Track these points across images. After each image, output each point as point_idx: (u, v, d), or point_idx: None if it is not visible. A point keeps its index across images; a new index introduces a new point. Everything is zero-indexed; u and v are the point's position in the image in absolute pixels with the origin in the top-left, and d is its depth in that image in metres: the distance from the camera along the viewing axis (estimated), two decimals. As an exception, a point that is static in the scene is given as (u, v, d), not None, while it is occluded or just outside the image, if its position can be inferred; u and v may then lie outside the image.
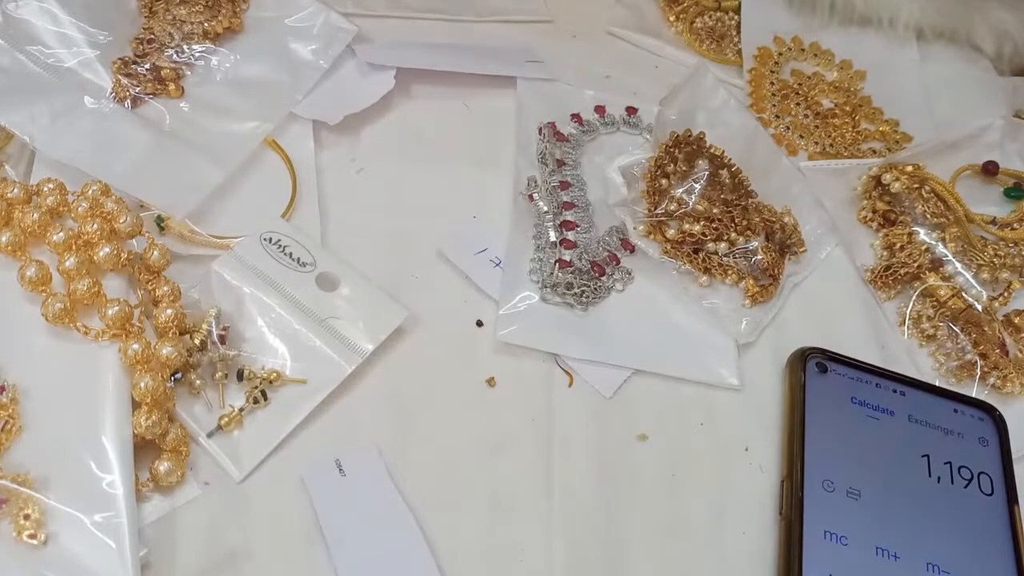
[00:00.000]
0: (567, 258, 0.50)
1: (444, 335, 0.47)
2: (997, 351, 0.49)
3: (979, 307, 0.51)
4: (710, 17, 0.69)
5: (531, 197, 0.52)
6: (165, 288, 0.44)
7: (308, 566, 0.39)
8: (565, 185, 0.53)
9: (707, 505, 0.43)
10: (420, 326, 0.47)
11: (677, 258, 0.51)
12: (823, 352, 0.47)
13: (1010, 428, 0.46)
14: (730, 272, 0.51)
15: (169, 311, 0.42)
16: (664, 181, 0.52)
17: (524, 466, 0.43)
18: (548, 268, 0.49)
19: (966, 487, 0.44)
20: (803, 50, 0.67)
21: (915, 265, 0.53)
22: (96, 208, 0.44)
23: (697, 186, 0.52)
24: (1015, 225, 0.56)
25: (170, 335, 0.42)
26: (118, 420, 0.39)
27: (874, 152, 0.61)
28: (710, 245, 0.51)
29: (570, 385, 0.47)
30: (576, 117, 0.58)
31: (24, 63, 0.51)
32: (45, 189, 0.45)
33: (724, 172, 0.54)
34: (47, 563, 0.35)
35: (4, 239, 0.42)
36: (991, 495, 0.44)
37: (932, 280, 0.52)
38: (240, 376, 0.43)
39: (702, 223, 0.51)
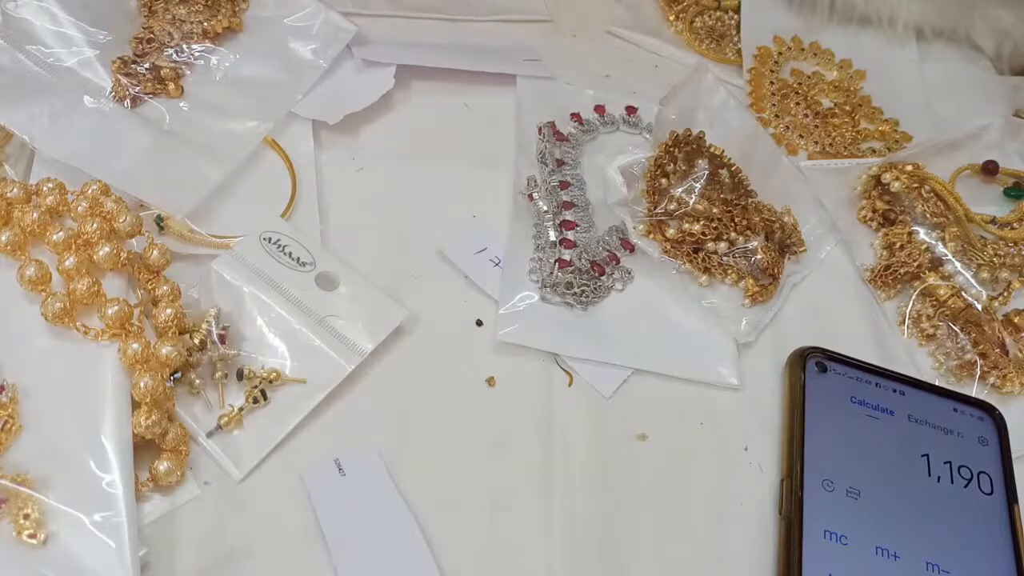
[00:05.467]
0: (567, 257, 0.50)
1: (444, 335, 0.47)
2: (997, 351, 0.49)
3: (979, 306, 0.51)
4: (710, 16, 0.69)
5: (531, 197, 0.52)
6: (165, 287, 0.44)
7: (308, 566, 0.39)
8: (565, 184, 0.53)
9: (707, 505, 0.43)
10: (420, 326, 0.47)
11: (677, 258, 0.51)
12: (823, 352, 0.47)
13: (1010, 428, 0.46)
14: (730, 272, 0.51)
15: (169, 311, 0.42)
16: (664, 180, 0.52)
17: (524, 466, 0.43)
18: (548, 268, 0.49)
19: (966, 486, 0.44)
20: (803, 49, 0.67)
21: (915, 264, 0.53)
22: (95, 207, 0.44)
23: (697, 185, 0.52)
24: (1015, 225, 0.56)
25: (170, 335, 0.42)
26: (118, 420, 0.39)
27: (874, 152, 0.61)
28: (710, 245, 0.51)
29: (570, 385, 0.47)
30: (576, 116, 0.58)
31: (24, 62, 0.51)
32: (44, 188, 0.45)
33: (724, 172, 0.54)
34: (47, 563, 0.35)
35: (3, 238, 0.42)
36: (991, 494, 0.44)
37: (932, 279, 0.52)
38: (240, 376, 0.43)
39: (702, 222, 0.51)
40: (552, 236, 0.51)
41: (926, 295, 0.52)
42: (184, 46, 0.56)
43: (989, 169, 0.59)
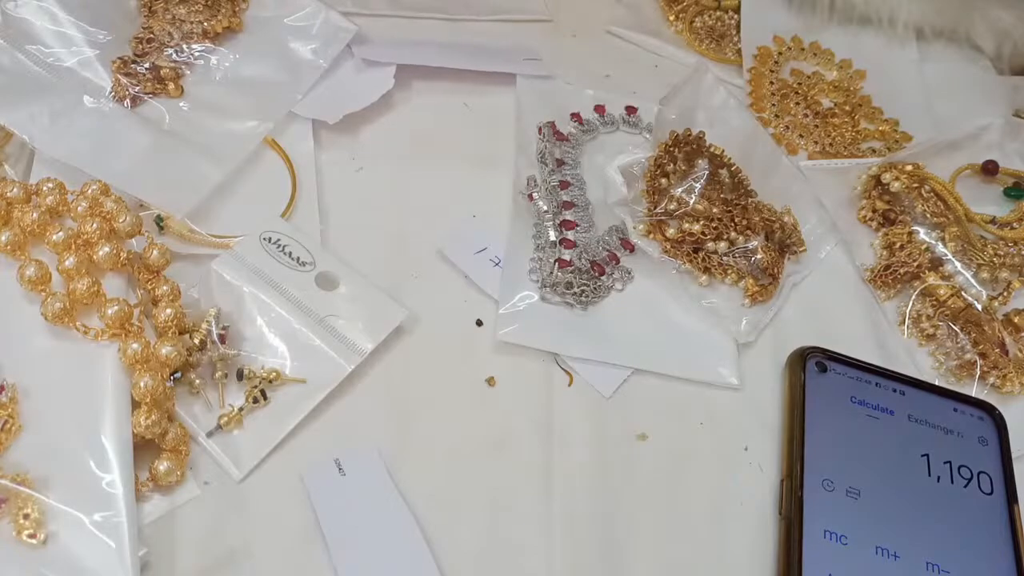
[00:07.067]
0: (567, 257, 0.50)
1: (444, 335, 0.47)
2: (997, 350, 0.49)
3: (979, 306, 0.51)
4: (710, 16, 0.69)
5: (531, 196, 0.52)
6: (164, 287, 0.44)
7: (308, 566, 0.39)
8: (565, 184, 0.53)
9: (707, 505, 0.44)
10: (420, 326, 0.47)
11: (677, 257, 0.51)
12: (823, 351, 0.47)
13: (1010, 427, 0.46)
14: (730, 271, 0.51)
15: (168, 310, 0.42)
16: (664, 180, 0.52)
17: (524, 466, 0.43)
18: (548, 267, 0.49)
19: (966, 486, 0.44)
20: (803, 49, 0.67)
21: (915, 264, 0.53)
22: (95, 207, 0.44)
23: (697, 185, 0.52)
24: (1014, 224, 0.56)
25: (170, 334, 0.42)
26: (118, 420, 0.39)
27: (874, 151, 0.61)
28: (710, 244, 0.51)
29: (570, 385, 0.47)
30: (576, 116, 0.58)
31: (23, 62, 0.51)
32: (44, 188, 0.45)
33: (724, 171, 0.54)
34: (46, 563, 0.35)
35: (3, 238, 0.42)
36: (991, 494, 0.44)
37: (932, 279, 0.52)
38: (240, 375, 0.43)
39: (702, 222, 0.51)
40: (552, 236, 0.51)
41: (926, 295, 0.52)
42: (184, 46, 0.56)
43: (989, 169, 0.59)
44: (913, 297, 0.52)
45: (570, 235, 0.51)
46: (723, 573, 0.42)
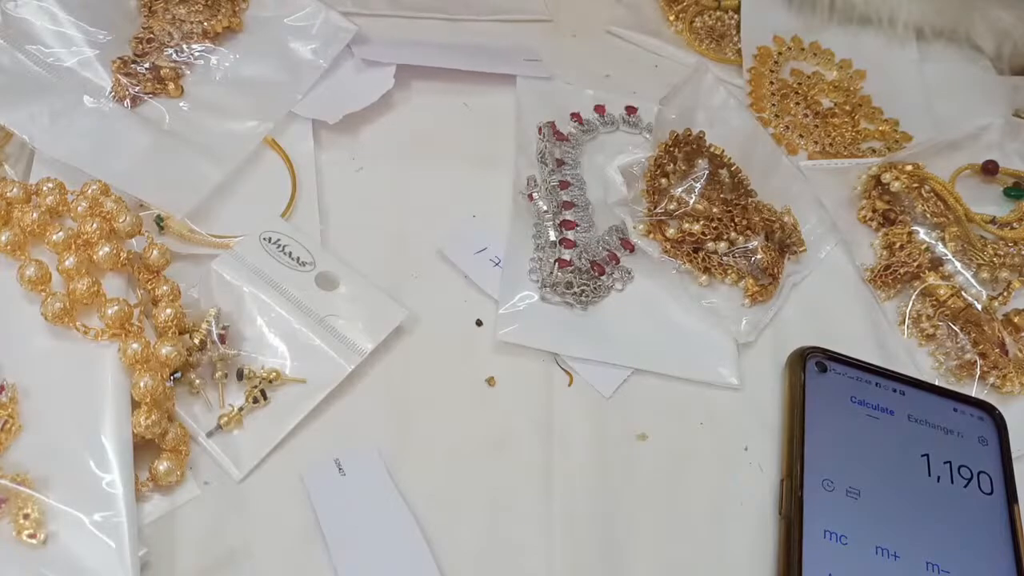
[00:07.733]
0: (567, 257, 0.50)
1: (444, 335, 0.47)
2: (996, 350, 0.49)
3: (979, 306, 0.51)
4: (710, 16, 0.69)
5: (531, 196, 0.52)
6: (164, 287, 0.44)
7: (308, 566, 0.39)
8: (565, 184, 0.53)
9: (707, 505, 0.44)
10: (420, 326, 0.47)
11: (677, 257, 0.51)
12: (823, 351, 0.47)
13: (1010, 427, 0.46)
14: (730, 271, 0.51)
15: (168, 310, 0.42)
16: (664, 180, 0.52)
17: (524, 466, 0.43)
18: (548, 267, 0.49)
19: (966, 486, 0.44)
20: (803, 49, 0.67)
21: (915, 264, 0.53)
22: (95, 207, 0.44)
23: (697, 185, 0.52)
24: (1014, 224, 0.56)
25: (169, 334, 0.42)
26: (118, 420, 0.39)
27: (874, 151, 0.61)
28: (710, 244, 0.51)
29: (570, 385, 0.47)
30: (576, 116, 0.58)
31: (23, 62, 0.51)
32: (44, 188, 0.45)
33: (724, 171, 0.54)
34: (46, 563, 0.35)
35: (3, 238, 0.42)
36: (991, 494, 0.44)
37: (932, 279, 0.52)
38: (240, 375, 0.43)
39: (702, 222, 0.51)
40: (552, 236, 0.51)
41: (926, 295, 0.52)
42: (184, 46, 0.56)
43: (989, 169, 0.59)
44: (913, 297, 0.52)
45: (570, 235, 0.51)
46: (723, 573, 0.42)
